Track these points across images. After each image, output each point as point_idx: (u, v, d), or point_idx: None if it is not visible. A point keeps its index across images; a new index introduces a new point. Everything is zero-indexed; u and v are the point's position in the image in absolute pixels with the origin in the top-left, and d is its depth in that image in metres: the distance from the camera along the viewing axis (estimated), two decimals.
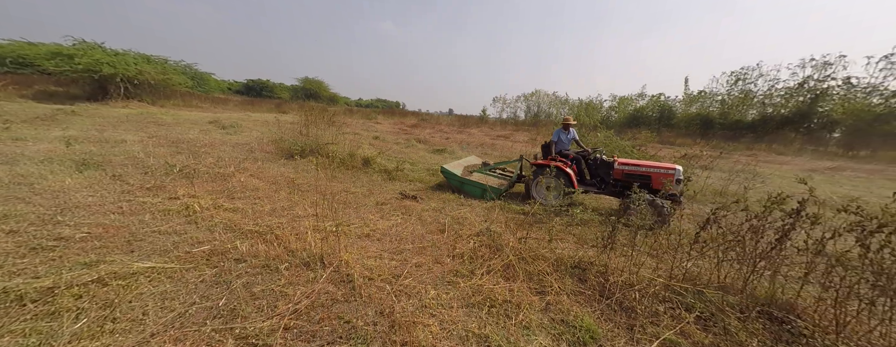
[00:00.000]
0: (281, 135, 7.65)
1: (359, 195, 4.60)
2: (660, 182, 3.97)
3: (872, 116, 16.28)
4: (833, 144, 17.94)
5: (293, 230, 3.04)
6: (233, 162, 5.80)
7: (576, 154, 4.77)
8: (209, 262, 2.33)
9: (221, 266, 2.28)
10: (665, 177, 3.99)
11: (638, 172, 4.19)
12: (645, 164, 4.24)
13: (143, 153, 5.56)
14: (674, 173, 4.02)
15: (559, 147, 4.89)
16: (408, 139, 11.48)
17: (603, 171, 4.57)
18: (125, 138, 7.04)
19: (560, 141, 4.88)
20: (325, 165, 6.34)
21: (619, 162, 4.36)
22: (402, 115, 25.89)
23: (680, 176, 4.01)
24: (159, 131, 8.52)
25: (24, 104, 11.10)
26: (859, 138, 16.64)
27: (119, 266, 2.14)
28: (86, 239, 2.50)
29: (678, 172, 4.03)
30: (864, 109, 16.81)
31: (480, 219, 3.92)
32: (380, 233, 3.28)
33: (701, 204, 5.35)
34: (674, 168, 4.07)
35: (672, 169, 4.06)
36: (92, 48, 14.05)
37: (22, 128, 7.07)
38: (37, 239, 2.41)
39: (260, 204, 3.75)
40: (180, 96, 16.84)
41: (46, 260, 2.17)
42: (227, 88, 29.02)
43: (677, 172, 4.03)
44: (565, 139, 4.91)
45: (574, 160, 4.68)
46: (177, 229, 2.84)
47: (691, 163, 6.65)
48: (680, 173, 4.03)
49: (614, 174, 4.35)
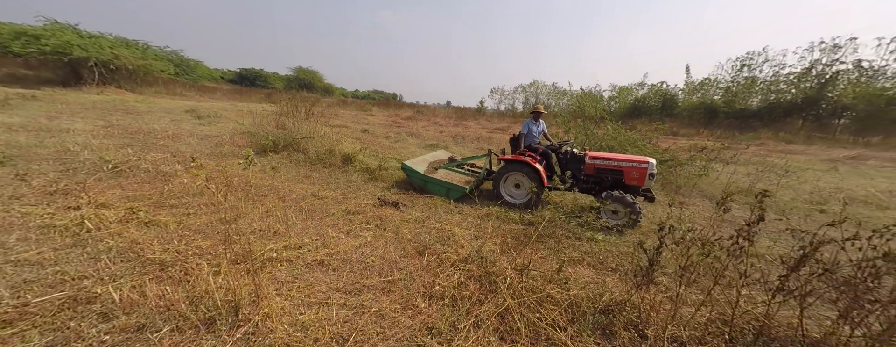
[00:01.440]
0: (255, 128, 6.72)
1: (329, 201, 3.76)
2: (632, 177, 3.66)
3: (885, 100, 15.27)
4: (840, 130, 16.98)
5: (216, 257, 2.21)
6: (185, 157, 4.91)
7: (545, 148, 4.27)
8: (51, 320, 1.50)
9: (66, 330, 1.45)
10: (637, 171, 3.66)
11: (610, 166, 3.79)
12: (617, 157, 3.85)
13: (79, 146, 4.64)
14: (647, 166, 3.64)
15: (528, 140, 4.39)
16: (399, 133, 10.57)
17: (574, 166, 4.09)
18: (74, 127, 6.08)
19: (530, 133, 4.39)
20: (299, 162, 5.48)
21: (590, 156, 3.93)
22: (398, 106, 24.80)
23: (653, 170, 3.66)
24: (122, 119, 7.55)
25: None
26: (869, 125, 15.70)
27: None
28: None
29: (651, 165, 3.66)
30: (877, 93, 15.73)
31: (471, 234, 3.12)
32: (340, 258, 2.46)
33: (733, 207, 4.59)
34: (647, 162, 3.68)
35: (645, 163, 3.67)
36: (62, 29, 12.78)
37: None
38: None
39: (193, 216, 2.90)
40: (163, 84, 15.68)
41: None
42: (219, 76, 27.64)
43: (650, 165, 3.65)
44: (535, 131, 4.42)
45: (543, 155, 4.21)
46: (47, 256, 2.00)
47: (708, 156, 5.87)
48: (653, 167, 3.67)
49: (585, 169, 3.92)
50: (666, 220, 1.94)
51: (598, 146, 6.05)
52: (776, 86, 19.08)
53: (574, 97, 22.31)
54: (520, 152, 4.17)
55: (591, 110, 6.53)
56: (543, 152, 4.22)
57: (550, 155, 4.26)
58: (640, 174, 3.60)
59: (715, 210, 3.08)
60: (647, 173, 3.61)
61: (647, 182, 3.62)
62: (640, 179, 3.61)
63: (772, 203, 5.06)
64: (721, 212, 1.92)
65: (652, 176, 3.65)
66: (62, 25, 13.36)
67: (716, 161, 5.93)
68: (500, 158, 4.28)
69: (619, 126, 6.23)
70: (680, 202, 4.64)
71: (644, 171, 3.62)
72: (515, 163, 3.99)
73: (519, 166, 3.96)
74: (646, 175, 3.60)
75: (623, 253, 2.93)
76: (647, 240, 2.13)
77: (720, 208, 1.88)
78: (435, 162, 5.05)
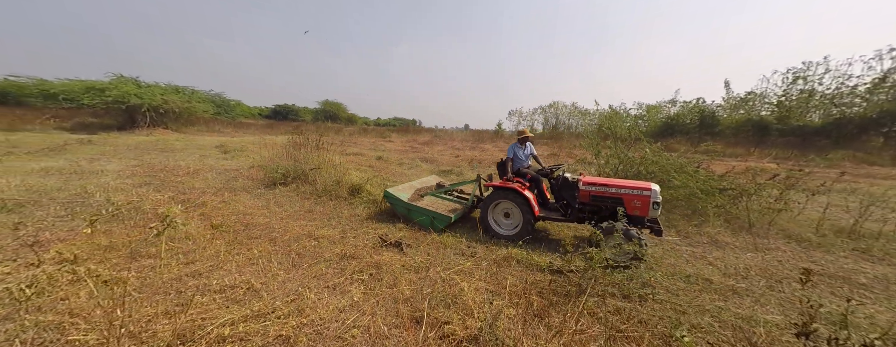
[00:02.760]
0: (269, 160, 6.63)
1: (324, 243, 3.27)
2: (633, 206, 3.18)
3: None
4: None
5: (153, 337, 1.70)
6: (196, 194, 4.74)
7: (534, 174, 3.85)
8: None
9: None
10: (639, 199, 3.16)
11: (607, 193, 3.31)
12: (614, 183, 3.35)
13: (98, 188, 4.64)
14: (649, 194, 3.15)
15: (516, 165, 4.01)
16: (414, 159, 10.23)
17: (567, 193, 3.63)
18: (107, 168, 6.31)
19: (517, 158, 4.00)
20: (305, 194, 5.16)
21: (584, 181, 3.47)
22: (416, 132, 25.01)
23: (657, 198, 3.15)
24: (154, 158, 7.87)
25: (51, 135, 11.19)
26: None
27: None
28: None
29: (654, 193, 3.16)
30: None
31: (485, 289, 2.42)
32: (312, 330, 1.87)
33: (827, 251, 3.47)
34: (649, 188, 3.19)
35: (647, 189, 3.18)
36: (124, 82, 14.44)
37: (13, 160, 6.58)
38: None
39: (164, 268, 2.49)
40: (204, 123, 16.98)
41: None
42: (256, 113, 29.93)
43: (653, 193, 3.16)
44: (522, 155, 4.04)
45: (532, 180, 3.79)
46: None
47: (783, 183, 4.73)
48: (656, 195, 3.16)
49: (580, 197, 3.45)
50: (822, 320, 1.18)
51: (634, 173, 5.12)
52: (840, 99, 16.62)
53: (600, 117, 20.32)
54: (507, 177, 3.74)
55: (622, 131, 5.63)
56: (533, 178, 3.79)
57: (540, 181, 3.83)
58: (643, 203, 3.12)
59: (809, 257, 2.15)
60: (650, 202, 3.10)
61: (651, 212, 3.12)
62: (643, 208, 3.12)
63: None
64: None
65: (656, 205, 3.14)
66: (126, 79, 15.13)
67: (795, 190, 4.71)
68: (487, 184, 3.92)
69: (658, 148, 5.26)
70: (755, 245, 3.62)
71: (647, 199, 3.11)
72: (503, 190, 3.59)
73: (506, 193, 3.55)
74: (649, 204, 3.10)
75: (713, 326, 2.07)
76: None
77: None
78: (422, 189, 4.60)
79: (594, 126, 10.03)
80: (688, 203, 4.56)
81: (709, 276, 2.80)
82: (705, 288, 2.57)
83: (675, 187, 4.51)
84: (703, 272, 2.90)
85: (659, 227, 3.16)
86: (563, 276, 2.64)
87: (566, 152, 12.40)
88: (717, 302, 2.32)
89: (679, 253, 3.37)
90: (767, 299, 2.43)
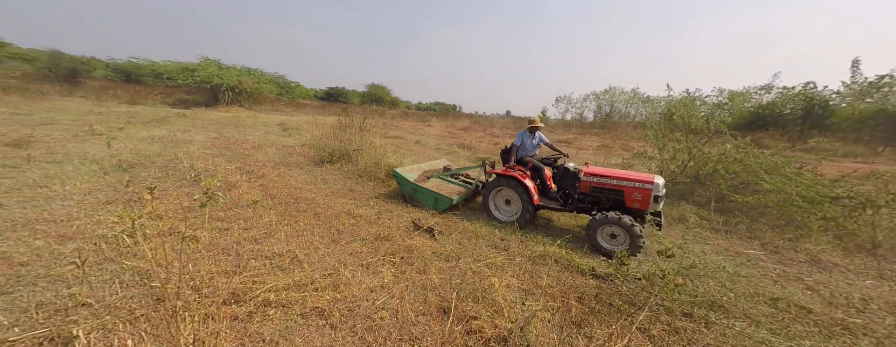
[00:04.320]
0: (318, 140, 7.05)
1: (361, 221, 3.38)
2: (633, 198, 3.11)
3: None
4: None
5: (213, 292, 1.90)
6: (258, 167, 5.25)
7: (535, 162, 3.83)
8: None
9: None
10: (639, 192, 3.08)
11: (607, 184, 3.26)
12: (616, 175, 3.27)
13: (185, 156, 5.38)
14: (651, 187, 3.04)
15: (522, 153, 3.98)
16: (451, 145, 10.11)
17: (568, 183, 3.64)
18: (194, 139, 7.30)
19: (523, 146, 3.98)
20: (348, 173, 5.40)
21: (585, 172, 3.41)
22: (456, 117, 24.67)
23: (658, 192, 3.03)
24: (230, 132, 8.89)
25: (158, 108, 13.28)
26: None
27: None
28: None
29: (656, 186, 3.04)
30: None
31: (517, 288, 2.27)
32: (345, 306, 1.93)
33: None
34: (651, 181, 3.07)
35: (649, 182, 3.07)
36: (209, 64, 16.37)
37: (131, 128, 7.95)
38: None
39: (227, 233, 2.78)
40: (270, 102, 18.69)
41: None
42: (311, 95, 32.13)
43: (655, 186, 3.04)
44: (529, 144, 4.00)
45: (534, 169, 3.79)
46: (77, 274, 1.96)
47: None
48: (658, 189, 3.03)
49: (581, 187, 3.43)
50: None
51: (709, 173, 4.33)
52: None
53: (669, 104, 15.80)
54: (509, 165, 3.79)
55: (697, 121, 4.69)
56: (534, 166, 3.80)
57: (542, 169, 3.79)
58: (643, 196, 3.05)
59: None
60: (651, 195, 3.02)
61: (652, 205, 3.04)
62: (644, 201, 3.05)
63: None
64: None
65: (657, 199, 3.03)
66: (210, 61, 17.14)
67: None
68: (489, 171, 3.96)
69: (747, 143, 4.32)
70: (880, 271, 2.86)
71: (648, 192, 3.03)
72: (505, 178, 3.62)
73: (508, 180, 3.58)
74: (650, 197, 3.02)
75: None
76: None
77: None
78: (429, 171, 4.69)
79: (659, 116, 8.39)
80: (780, 211, 3.79)
81: (806, 303, 2.28)
82: (799, 318, 2.10)
83: (765, 192, 3.74)
84: (798, 297, 2.37)
85: (660, 221, 3.11)
86: (610, 283, 2.36)
87: (621, 145, 11.16)
88: (815, 337, 1.88)
89: (763, 270, 2.82)
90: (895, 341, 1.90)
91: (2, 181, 3.36)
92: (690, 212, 4.26)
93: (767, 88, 17.08)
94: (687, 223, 3.96)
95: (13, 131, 5.84)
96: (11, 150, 4.61)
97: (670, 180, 5.07)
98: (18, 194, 3.10)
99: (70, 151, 4.91)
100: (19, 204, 2.88)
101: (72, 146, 5.21)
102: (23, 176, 3.59)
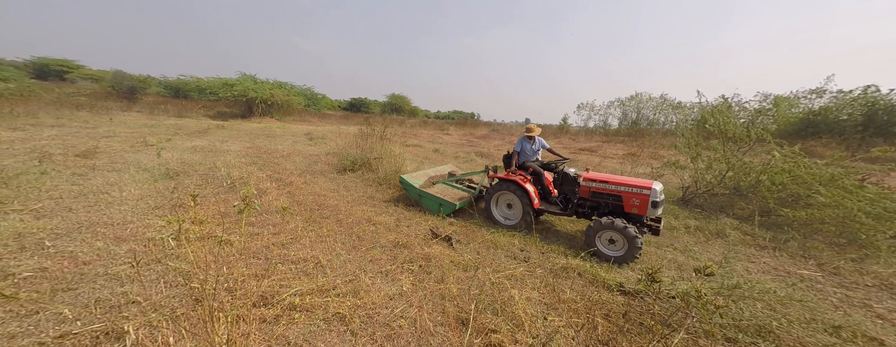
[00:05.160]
0: (340, 148, 7.34)
1: (381, 228, 3.45)
2: (631, 204, 3.12)
3: None
4: None
5: (245, 294, 2.01)
6: (287, 174, 5.54)
7: (536, 167, 3.88)
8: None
9: None
10: (638, 197, 3.09)
11: (606, 190, 3.29)
12: (614, 181, 3.29)
13: (222, 164, 5.79)
14: (649, 193, 3.05)
15: (523, 158, 4.05)
16: (469, 153, 10.13)
17: (568, 187, 3.68)
18: (231, 148, 7.86)
19: (523, 151, 4.04)
20: (369, 181, 5.55)
21: (584, 177, 3.44)
22: (474, 126, 24.74)
23: (656, 197, 3.04)
24: (261, 141, 9.49)
25: (201, 121, 14.46)
26: None
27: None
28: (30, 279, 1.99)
29: (654, 192, 3.04)
30: None
31: (538, 301, 2.20)
32: (365, 313, 1.96)
33: None
34: (649, 187, 3.07)
35: (647, 188, 3.07)
36: (246, 79, 17.70)
37: (178, 139, 8.72)
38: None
39: (257, 237, 2.94)
40: (298, 113, 19.80)
41: None
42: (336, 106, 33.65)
43: (653, 192, 3.04)
44: (529, 149, 4.05)
45: (535, 174, 3.83)
46: (129, 273, 2.15)
47: None
48: (656, 194, 3.05)
49: (580, 192, 3.46)
50: None
51: (750, 183, 4.01)
52: None
53: (703, 111, 13.88)
54: (511, 170, 3.90)
55: (736, 129, 4.33)
56: (534, 171, 3.83)
57: (542, 174, 3.82)
58: (642, 202, 3.05)
59: None
60: (649, 201, 3.01)
61: (650, 211, 3.04)
62: (642, 206, 3.06)
63: None
64: None
65: (656, 204, 3.03)
66: (248, 76, 18.52)
67: None
68: (491, 175, 3.98)
69: (797, 152, 3.96)
70: None
71: (646, 198, 3.03)
72: (506, 182, 3.69)
73: (509, 185, 3.64)
74: (647, 203, 3.02)
75: None
76: None
77: None
78: (435, 177, 4.82)
79: (690, 123, 7.67)
80: (840, 228, 3.43)
81: (876, 333, 2.02)
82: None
83: (820, 206, 3.41)
84: (866, 326, 2.10)
85: (658, 227, 3.11)
86: (640, 300, 2.23)
87: (649, 153, 10.63)
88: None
89: (821, 293, 2.54)
90: None
91: (72, 188, 3.79)
92: (730, 226, 3.94)
93: (819, 92, 15.37)
94: (727, 238, 3.66)
95: (82, 143, 6.60)
96: (81, 160, 5.20)
97: (705, 191, 4.73)
98: (84, 199, 3.48)
99: (127, 160, 5.46)
100: (85, 208, 3.23)
101: (129, 156, 5.79)
102: (88, 183, 4.03)
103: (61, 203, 3.29)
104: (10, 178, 3.83)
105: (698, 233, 3.91)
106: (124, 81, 18.40)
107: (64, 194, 3.54)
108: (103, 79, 19.05)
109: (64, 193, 3.60)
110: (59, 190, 3.66)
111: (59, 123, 9.25)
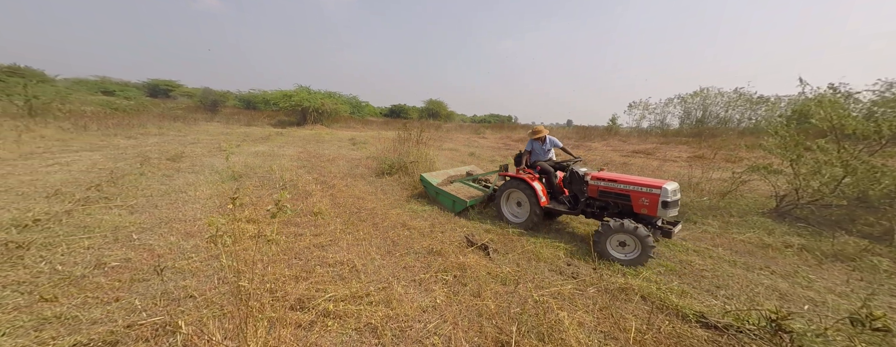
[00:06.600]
0: (379, 153, 7.55)
1: (415, 234, 3.35)
2: (641, 204, 2.94)
3: None
4: None
5: (285, 295, 2.02)
6: (331, 177, 5.82)
7: (545, 166, 3.86)
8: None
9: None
10: (647, 197, 2.89)
11: (615, 189, 3.13)
12: (623, 180, 3.10)
13: (277, 168, 6.33)
14: (659, 193, 2.82)
15: (534, 158, 4.10)
16: (506, 156, 9.71)
17: (577, 187, 3.55)
18: (285, 153, 8.63)
19: (534, 151, 4.12)
20: (405, 185, 5.56)
21: (593, 176, 3.32)
22: (511, 129, 23.95)
23: (667, 197, 2.82)
24: (312, 147, 10.28)
25: (265, 129, 16.28)
26: None
27: None
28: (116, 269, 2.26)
29: (665, 192, 2.81)
30: None
31: (591, 331, 1.86)
32: (396, 326, 1.84)
33: None
34: (659, 187, 2.84)
35: (657, 188, 2.84)
36: (302, 90, 19.58)
37: (245, 145, 9.87)
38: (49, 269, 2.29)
39: (299, 238, 3.05)
40: (344, 120, 21.23)
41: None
42: (378, 113, 35.51)
43: (664, 192, 2.81)
44: (540, 149, 4.08)
45: (544, 172, 3.82)
46: (192, 266, 2.34)
47: None
48: (668, 194, 2.81)
49: (588, 191, 3.35)
50: None
51: (883, 192, 3.11)
52: None
53: (803, 104, 9.95)
54: (520, 169, 3.98)
55: (856, 124, 3.33)
56: (543, 169, 3.82)
57: (552, 173, 3.78)
58: (651, 202, 2.89)
59: None
60: (658, 201, 2.84)
61: (660, 212, 2.86)
62: (651, 207, 2.90)
63: None
64: None
65: (667, 205, 2.84)
66: (303, 87, 20.47)
67: None
68: (502, 174, 4.07)
69: None
70: None
71: (656, 198, 2.87)
72: (515, 180, 3.73)
73: (517, 183, 3.68)
74: (657, 203, 2.85)
75: None
76: None
77: None
78: (454, 176, 4.98)
79: (781, 119, 6.01)
80: None
81: None
82: None
83: None
84: None
85: (670, 229, 2.93)
86: (734, 339, 1.75)
87: (723, 156, 9.08)
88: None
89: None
90: None
91: (160, 187, 4.41)
92: (858, 246, 3.04)
93: None
94: (859, 262, 2.82)
95: (173, 149, 7.80)
96: (170, 163, 6.11)
97: (812, 201, 3.75)
98: (167, 197, 4.01)
99: (204, 163, 6.27)
100: (167, 206, 3.71)
101: (206, 160, 6.66)
102: (173, 183, 4.67)
103: (150, 200, 3.83)
104: (118, 178, 4.61)
105: (805, 254, 3.09)
106: (209, 97, 21.68)
107: (154, 193, 4.13)
108: (195, 95, 22.72)
109: (154, 192, 4.20)
110: (150, 189, 4.29)
111: (161, 133, 11.15)
